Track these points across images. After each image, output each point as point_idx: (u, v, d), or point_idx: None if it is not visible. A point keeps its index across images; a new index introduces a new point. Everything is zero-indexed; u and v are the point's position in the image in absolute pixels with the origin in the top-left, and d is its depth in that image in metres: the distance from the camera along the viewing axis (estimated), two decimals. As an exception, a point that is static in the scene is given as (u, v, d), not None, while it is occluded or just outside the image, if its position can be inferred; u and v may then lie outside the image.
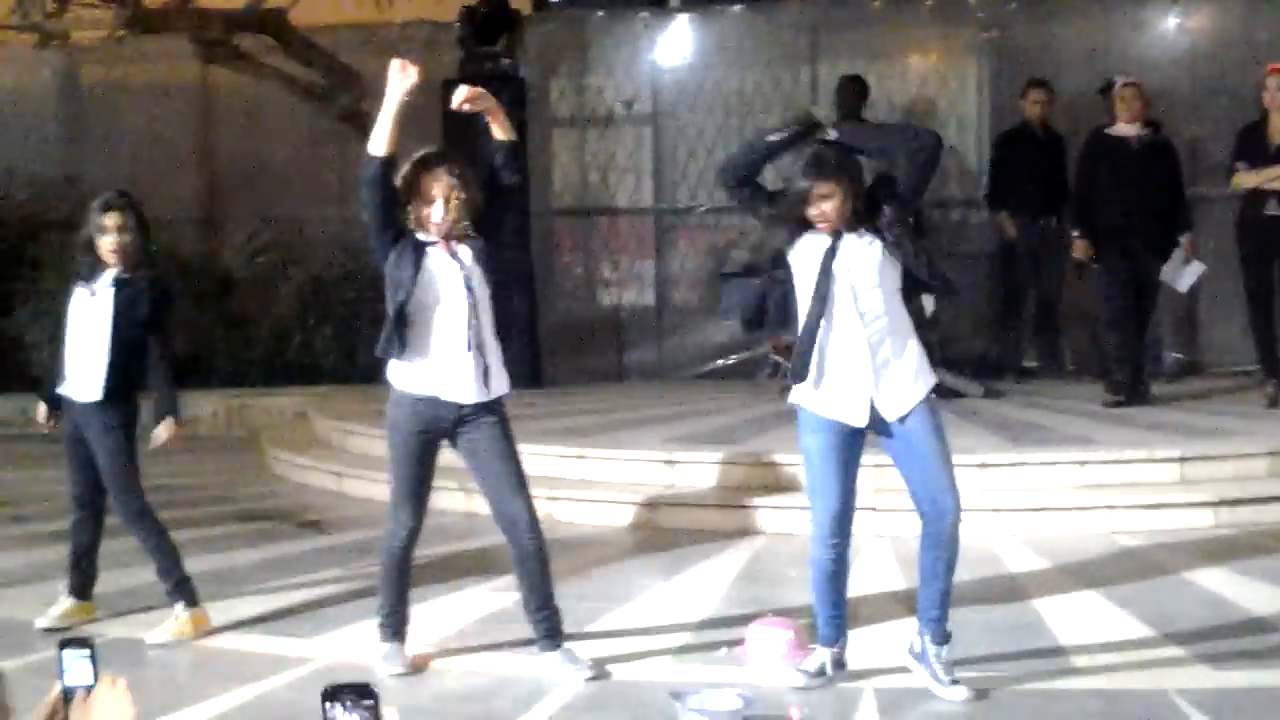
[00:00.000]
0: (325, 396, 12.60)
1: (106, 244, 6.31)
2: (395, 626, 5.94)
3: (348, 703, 2.10)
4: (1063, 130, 11.98)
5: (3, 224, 13.99)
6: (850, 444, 5.50)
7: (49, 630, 6.38)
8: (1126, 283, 10.32)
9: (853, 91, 12.04)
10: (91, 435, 6.36)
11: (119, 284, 6.33)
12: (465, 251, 5.68)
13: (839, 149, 5.50)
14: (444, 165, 5.63)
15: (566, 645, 5.84)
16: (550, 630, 5.84)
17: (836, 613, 5.62)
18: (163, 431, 6.54)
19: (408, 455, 5.79)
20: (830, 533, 5.47)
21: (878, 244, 5.39)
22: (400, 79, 5.53)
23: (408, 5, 13.47)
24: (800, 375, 5.47)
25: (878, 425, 5.46)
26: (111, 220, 6.32)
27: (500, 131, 5.75)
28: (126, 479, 6.38)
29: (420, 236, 5.67)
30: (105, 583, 6.75)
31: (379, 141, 5.55)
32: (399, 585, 5.94)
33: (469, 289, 5.63)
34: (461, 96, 5.63)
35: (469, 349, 5.63)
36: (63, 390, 6.46)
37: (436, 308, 5.63)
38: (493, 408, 5.76)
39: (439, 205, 5.60)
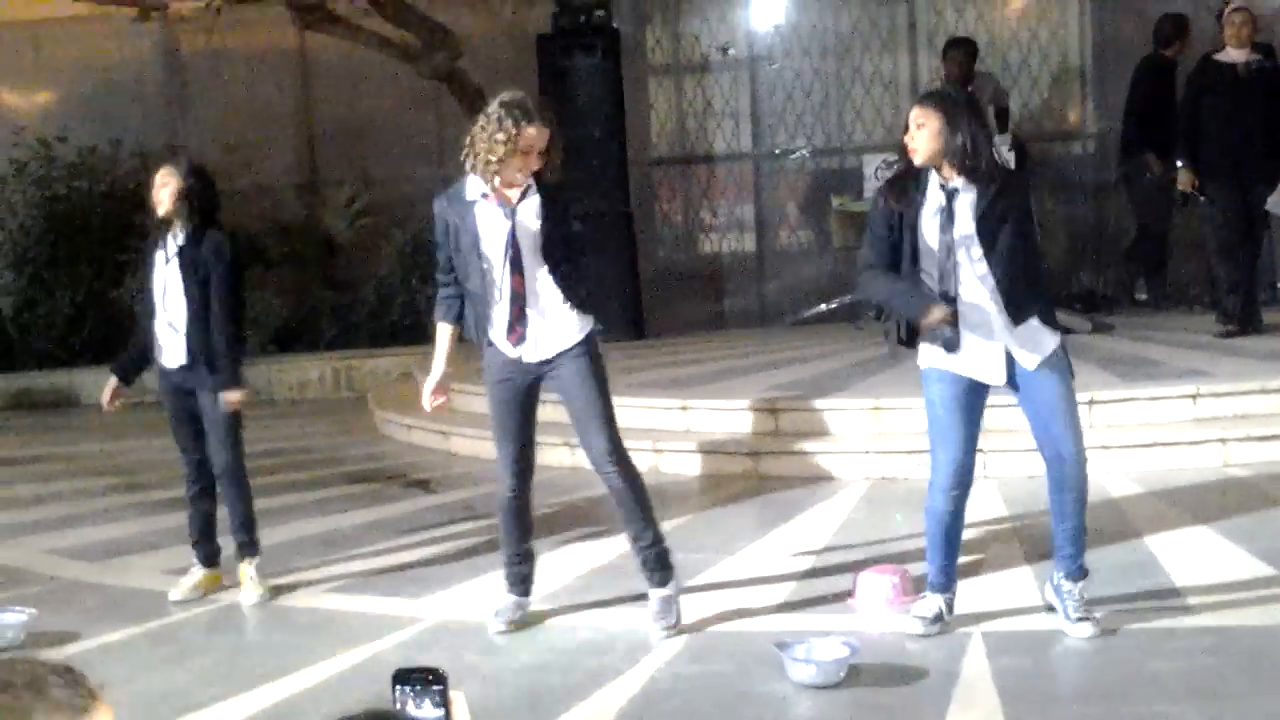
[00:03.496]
0: (430, 356, 12.63)
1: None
2: (514, 579, 5.95)
3: (418, 686, 2.11)
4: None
5: (112, 196, 14.19)
6: (978, 394, 5.40)
7: (181, 601, 6.47)
8: (1236, 211, 10.05)
9: (963, 55, 11.40)
10: (201, 394, 6.44)
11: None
12: (528, 206, 5.59)
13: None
14: (543, 119, 5.56)
15: (663, 592, 5.76)
16: (649, 562, 5.78)
17: (949, 561, 5.56)
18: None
19: (498, 405, 5.86)
20: (952, 483, 5.39)
21: (993, 186, 5.23)
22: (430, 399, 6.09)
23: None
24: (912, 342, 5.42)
25: (1012, 375, 5.36)
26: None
27: None
28: (233, 431, 6.47)
29: (469, 194, 5.61)
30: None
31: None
32: (512, 536, 5.93)
33: (512, 242, 5.56)
34: None
35: (508, 308, 5.64)
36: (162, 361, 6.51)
37: (483, 262, 5.62)
38: (577, 351, 5.68)
39: (534, 157, 5.54)
